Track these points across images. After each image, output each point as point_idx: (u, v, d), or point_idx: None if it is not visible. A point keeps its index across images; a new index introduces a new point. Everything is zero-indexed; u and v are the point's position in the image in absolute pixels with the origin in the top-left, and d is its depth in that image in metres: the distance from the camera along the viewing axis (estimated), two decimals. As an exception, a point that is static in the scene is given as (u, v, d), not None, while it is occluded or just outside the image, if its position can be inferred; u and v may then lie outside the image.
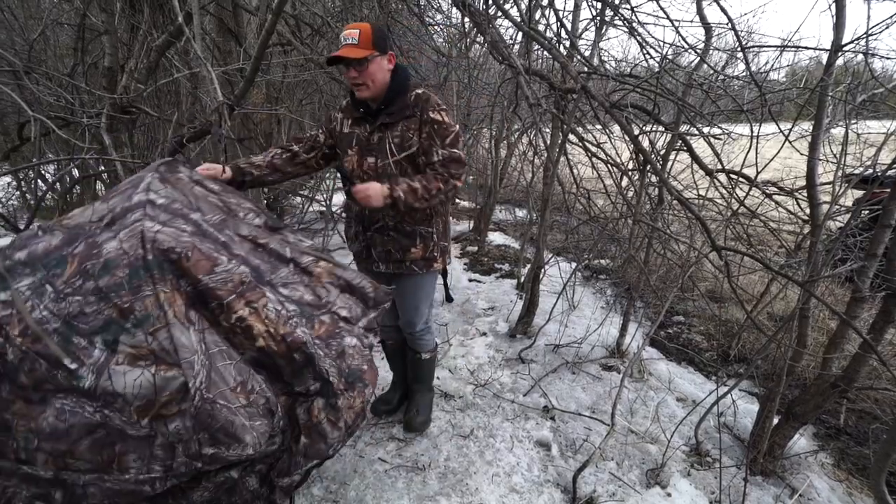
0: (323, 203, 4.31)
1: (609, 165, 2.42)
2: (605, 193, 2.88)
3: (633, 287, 2.90)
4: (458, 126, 1.61)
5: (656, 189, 2.59)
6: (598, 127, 2.52)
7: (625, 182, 2.67)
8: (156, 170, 1.23)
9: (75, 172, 3.84)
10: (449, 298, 3.51)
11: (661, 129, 2.56)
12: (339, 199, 5.28)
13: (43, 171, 4.60)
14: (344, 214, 1.97)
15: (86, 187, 4.49)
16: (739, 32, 1.84)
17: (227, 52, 3.80)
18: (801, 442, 2.05)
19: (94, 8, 2.87)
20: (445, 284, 3.50)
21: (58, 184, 3.60)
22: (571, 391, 2.42)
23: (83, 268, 1.01)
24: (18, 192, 5.24)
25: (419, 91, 1.62)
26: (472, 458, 1.89)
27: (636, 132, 2.19)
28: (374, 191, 1.50)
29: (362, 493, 1.68)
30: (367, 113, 1.62)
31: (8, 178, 5.11)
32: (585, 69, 2.21)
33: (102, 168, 3.72)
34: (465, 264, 4.50)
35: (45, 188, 3.90)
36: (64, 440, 0.92)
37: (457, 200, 7.26)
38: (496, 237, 5.45)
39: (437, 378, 2.45)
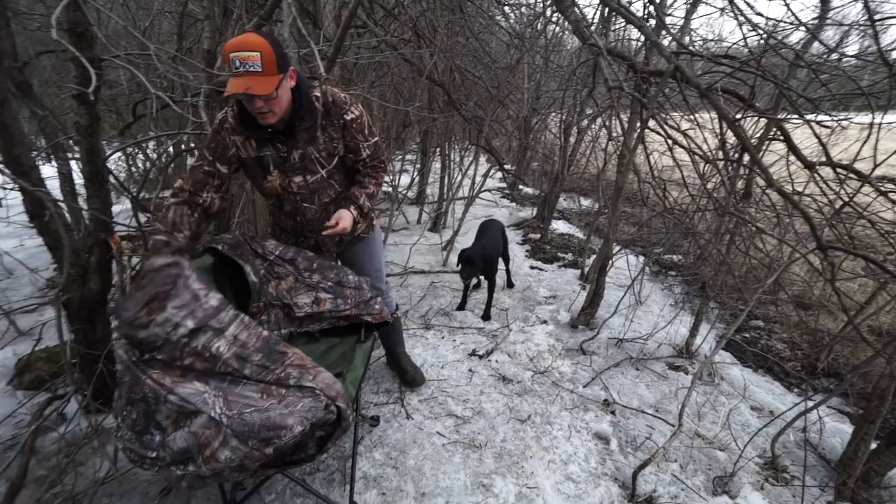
0: (389, 184, 4.42)
1: (692, 154, 2.26)
2: (683, 184, 2.70)
3: (708, 285, 2.71)
4: (364, 112, 1.55)
5: (742, 181, 2.39)
6: (677, 113, 2.35)
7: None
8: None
9: (170, 150, 4.25)
10: (510, 284, 3.51)
11: (749, 116, 2.33)
12: (405, 180, 5.41)
13: (144, 147, 5.12)
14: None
15: (180, 162, 4.95)
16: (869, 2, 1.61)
17: (307, 35, 3.96)
18: (902, 470, 1.84)
19: (192, -4, 3.11)
20: (507, 270, 3.50)
21: (161, 158, 3.99)
22: (634, 387, 2.34)
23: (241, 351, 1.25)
24: (125, 166, 5.89)
25: (317, 94, 1.48)
26: (528, 442, 1.90)
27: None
28: (347, 220, 1.56)
29: (420, 462, 1.75)
30: (275, 132, 1.46)
31: (118, 153, 5.75)
32: (677, 50, 2.06)
33: (193, 145, 4.07)
34: (526, 251, 4.44)
35: (154, 159, 4.34)
36: None
37: (520, 187, 7.14)
38: (560, 225, 5.31)
39: (496, 361, 2.47)
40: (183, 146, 4.14)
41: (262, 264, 1.60)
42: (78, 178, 1.75)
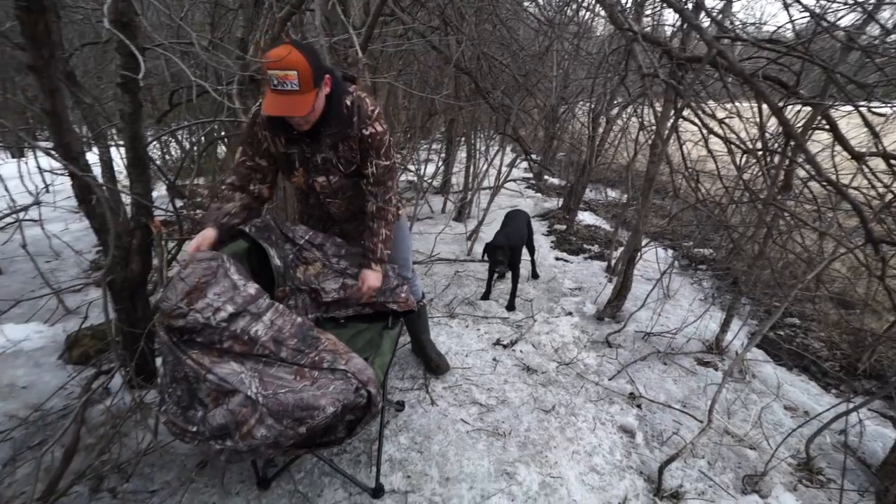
0: (414, 173, 4.44)
1: (729, 144, 2.17)
2: (717, 175, 2.60)
3: (740, 281, 2.62)
4: (387, 131, 1.55)
5: (782, 172, 2.28)
6: (712, 102, 2.26)
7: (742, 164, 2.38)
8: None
9: (202, 138, 4.36)
10: (535, 275, 3.49)
11: (792, 104, 2.20)
12: (430, 169, 5.41)
13: (180, 136, 5.28)
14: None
15: (212, 151, 5.08)
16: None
17: (333, 23, 3.98)
18: (946, 476, 1.76)
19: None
20: (532, 261, 3.48)
21: (195, 147, 4.10)
22: (661, 382, 2.30)
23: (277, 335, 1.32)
24: (160, 153, 6.10)
25: (349, 102, 1.49)
26: (552, 432, 1.90)
27: (764, 109, 1.92)
28: (374, 279, 1.62)
29: (445, 448, 1.78)
30: (302, 133, 1.48)
31: (154, 141, 5.95)
32: (718, 34, 1.98)
33: (223, 133, 4.16)
34: (552, 242, 4.39)
35: (188, 148, 4.46)
36: None
37: (545, 177, 7.03)
38: (586, 217, 5.22)
39: (521, 351, 2.46)
40: (215, 133, 4.24)
41: (292, 249, 1.63)
42: (117, 165, 1.83)
